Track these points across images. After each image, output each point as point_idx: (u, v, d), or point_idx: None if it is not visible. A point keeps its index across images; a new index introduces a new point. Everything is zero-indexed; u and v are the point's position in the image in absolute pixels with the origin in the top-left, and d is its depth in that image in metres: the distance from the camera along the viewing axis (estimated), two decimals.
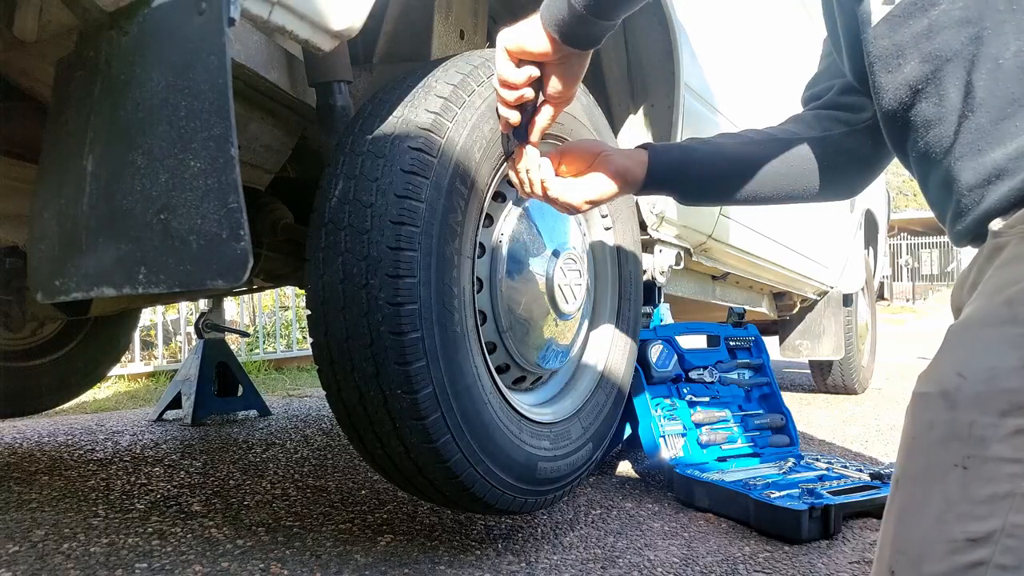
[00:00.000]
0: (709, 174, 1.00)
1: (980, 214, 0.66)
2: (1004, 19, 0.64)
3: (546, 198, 0.99)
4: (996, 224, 0.64)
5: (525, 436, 1.28)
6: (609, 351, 1.59)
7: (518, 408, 1.30)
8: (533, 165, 0.97)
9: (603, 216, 1.59)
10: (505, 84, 0.88)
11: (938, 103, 0.68)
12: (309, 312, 1.15)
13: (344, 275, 1.08)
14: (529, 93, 0.89)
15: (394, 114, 1.14)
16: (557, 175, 0.99)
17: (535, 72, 0.87)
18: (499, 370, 1.35)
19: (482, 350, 1.23)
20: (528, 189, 1.00)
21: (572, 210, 1.00)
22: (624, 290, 1.63)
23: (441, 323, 1.10)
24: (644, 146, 1.02)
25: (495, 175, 1.26)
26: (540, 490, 1.32)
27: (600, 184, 0.98)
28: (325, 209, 1.13)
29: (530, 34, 0.85)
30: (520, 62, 0.87)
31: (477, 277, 1.28)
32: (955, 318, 0.82)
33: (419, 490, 1.24)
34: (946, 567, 0.56)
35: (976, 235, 0.68)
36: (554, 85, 0.88)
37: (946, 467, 0.58)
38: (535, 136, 0.93)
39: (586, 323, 1.59)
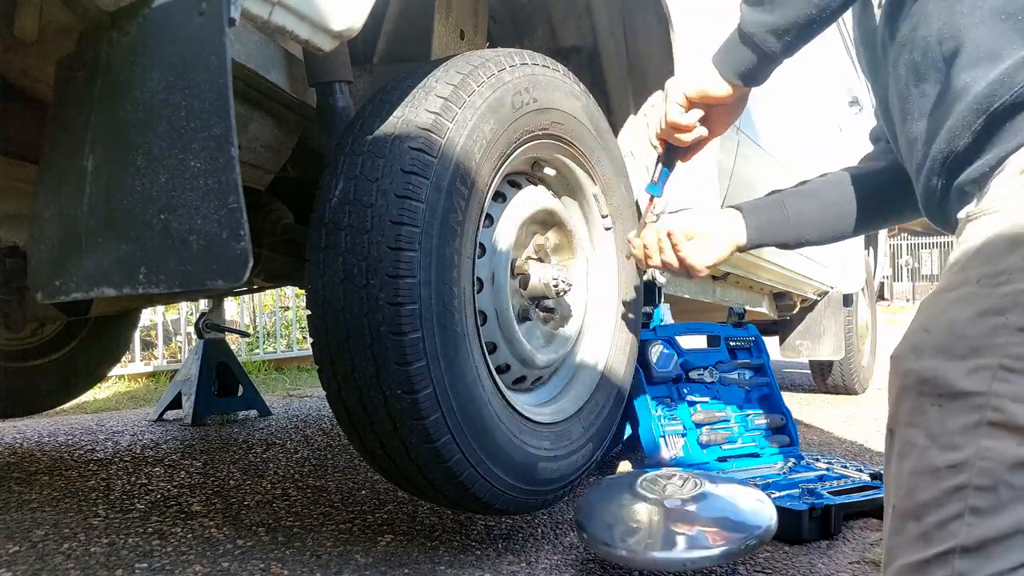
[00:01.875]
0: (800, 229, 1.18)
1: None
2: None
3: (671, 261, 1.20)
4: (960, 215, 0.76)
5: (526, 436, 1.28)
6: (609, 351, 1.59)
7: (518, 408, 1.30)
8: (664, 229, 1.19)
9: (603, 216, 1.59)
10: (679, 128, 1.06)
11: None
12: (309, 312, 1.15)
13: (344, 275, 1.08)
14: (703, 132, 1.07)
15: (394, 114, 1.14)
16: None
17: (702, 114, 1.05)
18: (499, 370, 1.35)
19: (483, 350, 1.23)
20: (661, 256, 1.21)
21: (693, 273, 1.20)
22: (624, 289, 1.64)
23: (441, 323, 1.10)
24: (737, 207, 1.21)
25: (495, 175, 1.26)
26: (541, 490, 1.32)
27: (720, 247, 1.19)
28: (325, 209, 1.13)
29: (711, 80, 1.00)
30: (690, 106, 1.04)
31: (478, 277, 1.28)
32: None
33: (419, 490, 1.24)
34: (934, 493, 0.64)
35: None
36: (723, 121, 1.08)
37: (925, 407, 0.67)
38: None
39: (587, 323, 1.59)
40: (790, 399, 3.86)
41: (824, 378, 4.05)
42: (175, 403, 2.99)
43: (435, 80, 1.17)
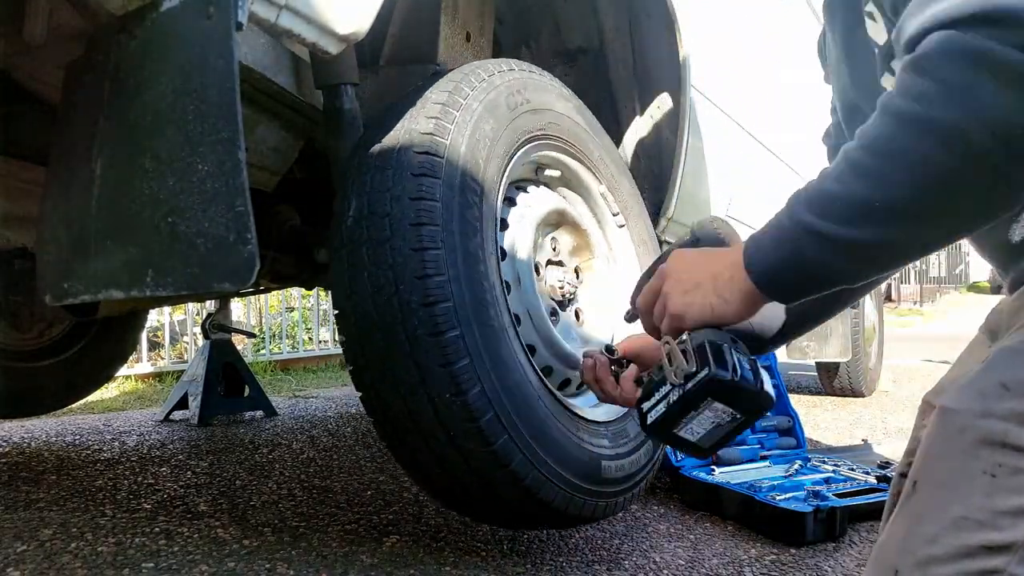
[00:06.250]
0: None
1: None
2: None
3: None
4: None
5: (583, 434, 1.23)
6: None
7: (571, 407, 1.25)
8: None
9: (615, 214, 1.59)
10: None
11: None
12: (343, 337, 1.10)
13: (373, 288, 1.05)
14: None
15: (396, 128, 1.15)
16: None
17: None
18: (544, 373, 1.30)
19: (524, 348, 1.19)
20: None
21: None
22: None
23: (478, 318, 1.07)
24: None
25: (502, 176, 1.26)
26: (610, 491, 1.26)
27: None
28: (341, 231, 1.11)
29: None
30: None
31: (504, 280, 1.25)
32: (987, 338, 0.84)
33: (483, 507, 1.16)
34: (954, 571, 0.55)
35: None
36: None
37: (972, 473, 0.57)
38: None
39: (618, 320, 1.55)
40: (797, 401, 3.85)
41: (831, 380, 4.04)
42: (182, 403, 2.99)
43: (430, 91, 1.19)
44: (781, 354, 3.57)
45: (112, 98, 0.87)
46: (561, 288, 1.40)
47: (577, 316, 1.47)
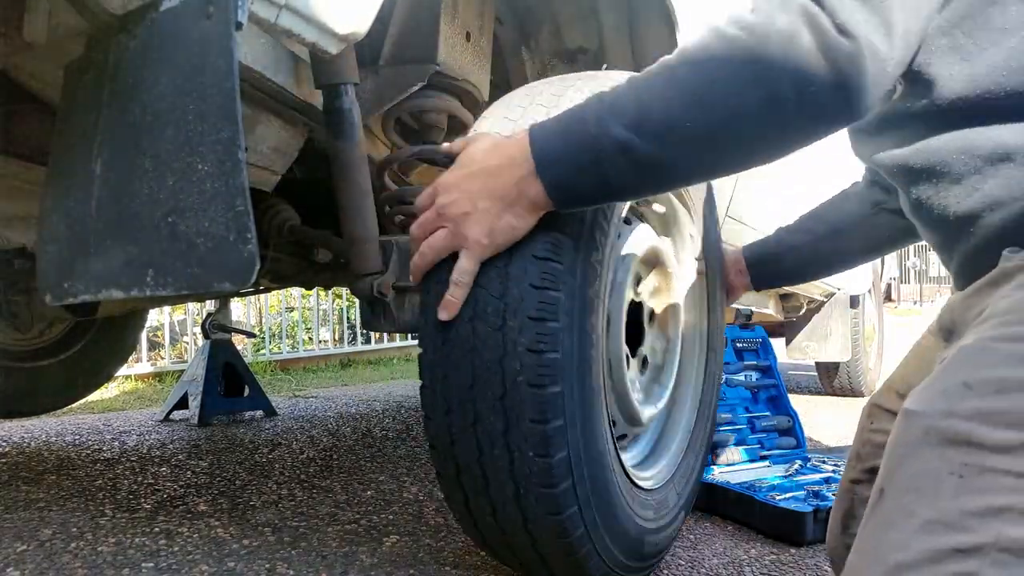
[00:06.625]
0: (799, 263, 1.28)
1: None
2: None
3: None
4: (1007, 251, 0.65)
5: (636, 506, 1.12)
6: (698, 405, 1.42)
7: (629, 473, 1.15)
8: None
9: (698, 259, 1.42)
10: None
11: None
12: (421, 349, 0.97)
13: (475, 312, 0.92)
14: None
15: None
16: None
17: None
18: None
19: (607, 408, 1.08)
20: None
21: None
22: (713, 341, 1.46)
23: (581, 375, 0.95)
24: (743, 251, 1.26)
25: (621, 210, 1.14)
26: (642, 567, 1.16)
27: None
28: None
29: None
30: None
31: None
32: (940, 335, 0.83)
33: (519, 562, 1.07)
34: None
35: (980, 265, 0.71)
36: None
37: (939, 475, 0.56)
38: None
39: (680, 374, 1.42)
40: (796, 401, 3.84)
41: (830, 380, 4.04)
42: (181, 403, 3.00)
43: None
44: (781, 354, 3.56)
45: (112, 98, 0.87)
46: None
47: (644, 364, 1.32)
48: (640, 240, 1.27)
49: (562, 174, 0.73)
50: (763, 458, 1.94)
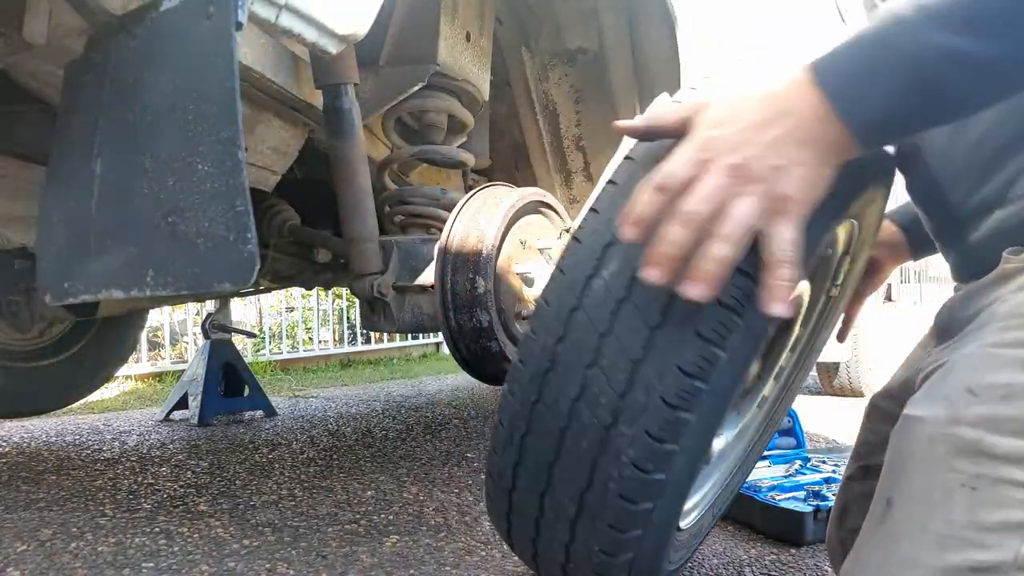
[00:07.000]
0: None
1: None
2: None
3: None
4: (1007, 252, 0.62)
5: (671, 552, 0.99)
6: (758, 435, 1.24)
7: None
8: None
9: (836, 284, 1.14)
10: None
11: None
12: (501, 406, 0.84)
13: (580, 393, 0.78)
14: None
15: None
16: None
17: None
18: None
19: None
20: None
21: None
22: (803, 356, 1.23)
23: (674, 497, 0.83)
24: (890, 218, 1.04)
25: None
26: None
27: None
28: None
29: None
30: None
31: None
32: (937, 336, 0.81)
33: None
34: None
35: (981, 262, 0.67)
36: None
37: (951, 487, 0.53)
38: None
39: (758, 398, 1.22)
40: (796, 401, 3.84)
41: (831, 380, 4.04)
42: (182, 403, 3.00)
43: None
44: None
45: (112, 98, 0.87)
46: None
47: None
48: None
49: (873, 109, 0.55)
50: (763, 458, 1.94)
